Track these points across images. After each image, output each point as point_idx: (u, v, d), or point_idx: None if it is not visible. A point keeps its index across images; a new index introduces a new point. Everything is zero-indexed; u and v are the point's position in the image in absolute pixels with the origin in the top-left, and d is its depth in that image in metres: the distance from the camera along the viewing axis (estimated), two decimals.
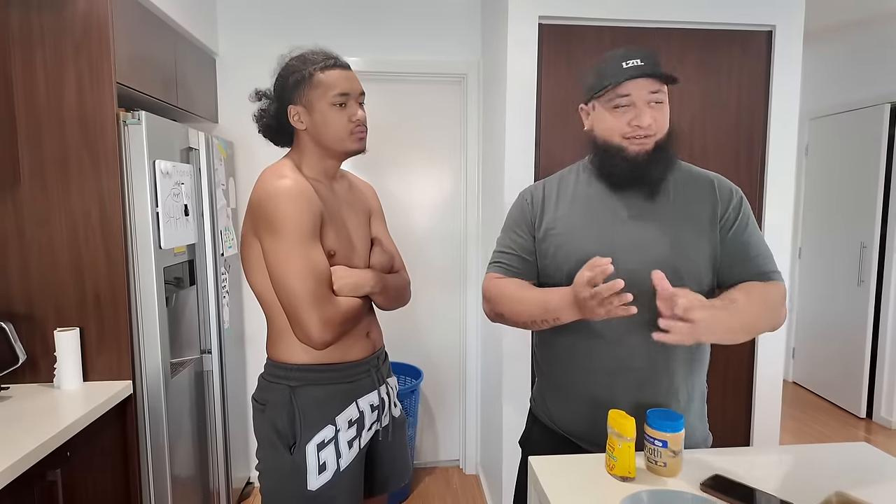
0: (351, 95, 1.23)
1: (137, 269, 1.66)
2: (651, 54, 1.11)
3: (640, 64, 1.08)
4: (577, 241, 1.16)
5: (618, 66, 1.09)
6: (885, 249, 3.46)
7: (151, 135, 1.66)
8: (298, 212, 1.14)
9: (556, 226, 1.20)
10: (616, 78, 1.09)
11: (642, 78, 1.08)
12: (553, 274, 1.19)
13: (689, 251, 1.13)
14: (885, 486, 1.00)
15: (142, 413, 1.70)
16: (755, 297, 1.09)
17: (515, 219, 1.27)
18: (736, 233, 1.15)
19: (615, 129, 1.12)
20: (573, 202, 1.20)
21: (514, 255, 1.24)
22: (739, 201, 1.17)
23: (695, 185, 1.18)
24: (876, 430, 3.43)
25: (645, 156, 1.11)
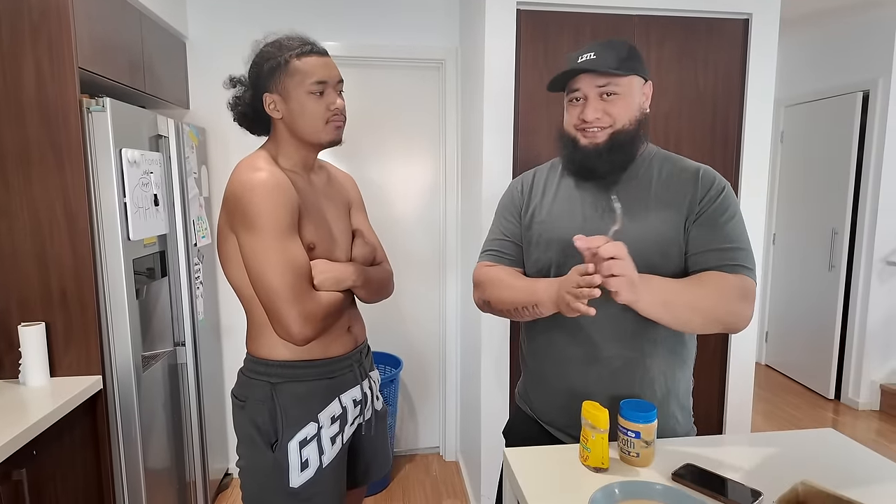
0: (329, 83, 1.19)
1: (105, 262, 1.61)
2: (611, 46, 1.11)
3: (592, 58, 1.09)
4: (557, 230, 1.18)
5: (573, 60, 1.12)
6: (856, 235, 3.54)
7: (117, 122, 1.60)
8: (275, 205, 1.11)
9: (540, 214, 1.23)
10: (565, 72, 1.12)
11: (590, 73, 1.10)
12: (536, 261, 1.22)
13: (660, 244, 1.12)
14: (851, 471, 1.02)
15: (113, 408, 1.67)
16: (705, 280, 1.07)
17: (506, 205, 1.30)
18: (710, 219, 1.11)
19: (569, 122, 1.17)
20: (557, 191, 1.23)
21: (506, 241, 1.27)
22: (721, 191, 1.12)
23: (678, 177, 1.15)
24: (843, 411, 3.53)
25: (595, 148, 1.13)
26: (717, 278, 1.07)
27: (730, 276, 1.07)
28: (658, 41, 2.09)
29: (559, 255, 1.17)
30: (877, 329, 3.49)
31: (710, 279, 1.08)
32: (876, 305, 3.46)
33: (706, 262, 1.10)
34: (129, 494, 1.70)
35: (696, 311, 1.04)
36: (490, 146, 2.05)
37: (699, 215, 1.12)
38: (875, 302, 3.46)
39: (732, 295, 1.06)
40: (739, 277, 1.08)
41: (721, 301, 1.05)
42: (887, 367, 3.53)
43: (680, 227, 1.12)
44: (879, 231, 3.41)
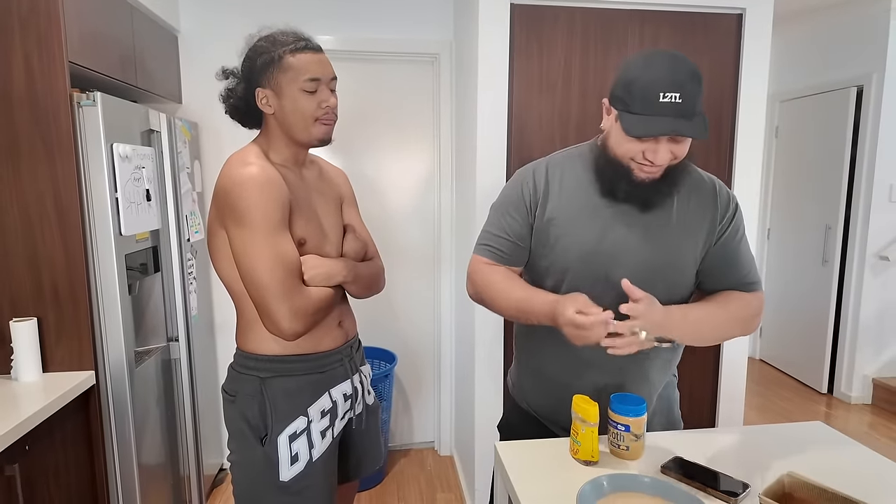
0: (322, 80, 1.19)
1: (97, 257, 1.61)
2: (692, 83, 0.97)
3: (679, 102, 0.96)
4: (578, 236, 1.12)
5: (653, 97, 0.97)
6: (849, 230, 3.55)
7: (108, 117, 1.59)
8: (265, 200, 1.11)
9: (558, 215, 1.14)
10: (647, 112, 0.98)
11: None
12: (551, 264, 1.16)
13: (680, 263, 1.12)
14: (838, 463, 1.04)
15: (106, 403, 1.66)
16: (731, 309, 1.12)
17: (513, 200, 1.18)
18: (727, 241, 1.14)
19: (628, 153, 1.04)
20: (576, 193, 1.14)
21: (507, 241, 1.18)
22: (735, 210, 1.15)
23: (698, 193, 1.14)
24: (836, 405, 3.56)
25: (651, 182, 1.06)
26: (739, 301, 1.13)
27: (748, 297, 1.14)
28: (652, 36, 2.09)
29: (577, 262, 1.12)
30: (869, 323, 3.51)
31: (732, 302, 1.13)
32: (868, 300, 3.48)
33: (724, 282, 1.16)
34: (122, 490, 1.70)
35: (720, 334, 1.13)
36: (484, 140, 2.04)
37: (719, 237, 1.14)
38: (868, 297, 3.48)
39: (751, 315, 1.14)
40: (755, 296, 1.15)
41: (742, 323, 1.14)
42: (879, 361, 3.56)
43: (700, 249, 1.14)
44: (872, 226, 3.42)
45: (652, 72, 0.98)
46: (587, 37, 2.06)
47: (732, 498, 0.90)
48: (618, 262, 1.11)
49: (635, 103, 0.99)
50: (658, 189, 1.07)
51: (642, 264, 1.10)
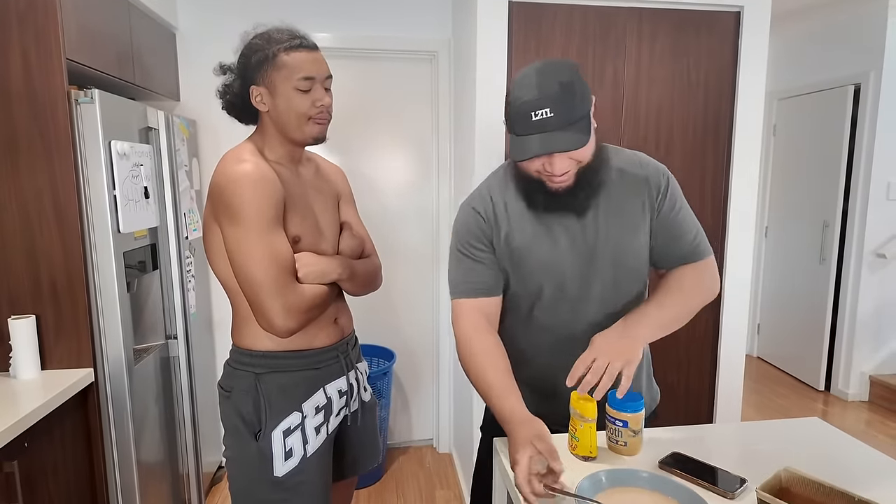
0: (317, 79, 1.19)
1: (95, 255, 1.61)
2: (563, 95, 0.97)
3: (550, 117, 0.96)
4: (536, 254, 1.15)
5: (525, 117, 0.98)
6: (846, 228, 3.56)
7: (106, 114, 1.59)
8: (259, 198, 1.11)
9: (513, 240, 1.15)
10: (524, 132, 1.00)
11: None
12: (525, 285, 1.18)
13: (629, 250, 1.15)
14: (834, 459, 1.04)
15: (104, 401, 1.66)
16: (681, 283, 1.15)
17: (471, 232, 1.17)
18: (665, 215, 1.16)
19: (528, 169, 1.07)
20: (520, 214, 1.16)
21: (482, 268, 1.16)
22: (666, 183, 1.15)
23: (631, 177, 1.15)
24: (833, 402, 3.57)
25: (567, 190, 1.07)
26: (691, 276, 1.16)
27: (699, 267, 1.17)
28: (650, 34, 2.09)
29: (545, 276, 1.16)
30: (867, 320, 3.52)
31: (684, 280, 1.15)
32: (866, 297, 3.49)
33: (672, 256, 1.18)
34: (121, 487, 1.70)
35: (685, 315, 1.14)
36: (482, 139, 2.04)
37: (659, 213, 1.16)
38: (865, 294, 3.49)
39: (706, 284, 1.17)
40: (705, 264, 1.18)
41: (700, 294, 1.16)
42: (877, 358, 3.57)
43: (644, 230, 1.16)
44: (870, 223, 3.43)
45: (522, 92, 0.99)
46: (585, 35, 2.06)
47: (729, 492, 0.90)
48: (581, 273, 1.15)
49: (514, 125, 1.02)
50: (575, 195, 1.09)
51: (594, 265, 1.14)
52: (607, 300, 1.17)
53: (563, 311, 1.17)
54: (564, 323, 1.18)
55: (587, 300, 1.16)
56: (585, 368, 1.00)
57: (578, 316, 1.17)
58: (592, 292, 1.16)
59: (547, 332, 1.20)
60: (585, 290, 1.16)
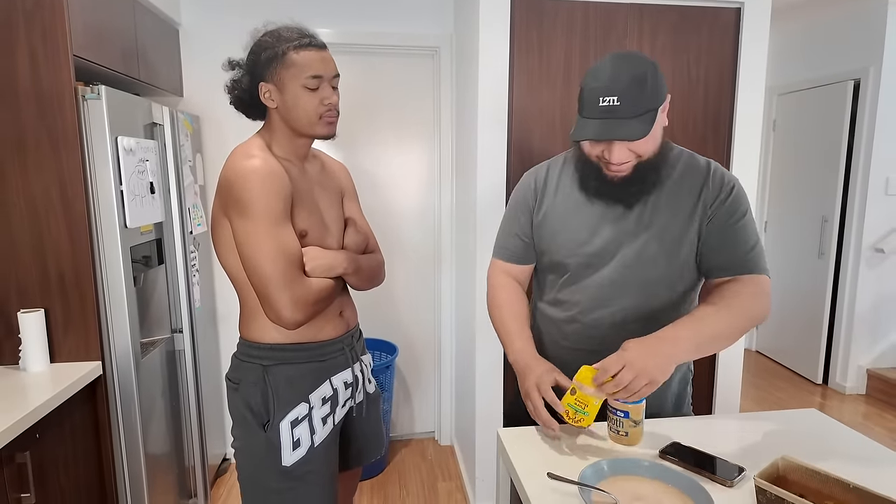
0: (325, 78, 1.21)
1: (103, 249, 1.63)
2: (634, 84, 1.00)
3: (616, 105, 0.99)
4: (569, 233, 1.19)
5: (594, 101, 1.02)
6: (845, 223, 3.58)
7: (112, 110, 1.61)
8: (268, 193, 1.13)
9: (551, 213, 1.22)
10: (589, 116, 1.03)
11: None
12: (549, 261, 1.25)
13: (671, 253, 1.14)
14: (831, 448, 1.07)
15: (113, 393, 1.69)
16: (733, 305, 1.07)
17: (519, 202, 1.29)
18: (719, 222, 1.13)
19: (591, 153, 1.12)
20: (567, 192, 1.21)
21: (519, 240, 1.28)
22: (730, 192, 1.13)
23: (690, 179, 1.15)
24: (830, 396, 3.61)
25: (622, 179, 1.10)
26: (740, 292, 1.08)
27: (749, 284, 1.10)
28: (651, 30, 2.10)
29: (570, 258, 1.19)
30: (865, 315, 3.55)
31: (732, 297, 1.08)
32: (864, 292, 3.52)
33: (721, 266, 1.14)
34: (129, 478, 1.73)
35: (727, 335, 1.07)
36: (485, 134, 2.06)
37: (712, 218, 1.13)
38: (863, 288, 3.52)
39: (756, 304, 1.09)
40: (754, 281, 1.10)
41: (747, 314, 1.08)
42: (874, 352, 3.60)
43: (689, 232, 1.14)
44: (868, 218, 3.45)
45: (596, 77, 1.03)
46: (587, 31, 2.07)
47: (728, 481, 0.93)
48: (610, 257, 1.16)
49: (582, 108, 1.06)
50: (629, 188, 1.11)
51: (632, 259, 1.15)
52: (632, 297, 1.16)
53: (586, 297, 1.19)
54: (587, 310, 1.19)
55: (609, 290, 1.17)
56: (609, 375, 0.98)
57: (601, 306, 1.18)
58: (615, 284, 1.16)
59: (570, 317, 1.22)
60: (608, 280, 1.17)
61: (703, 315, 1.06)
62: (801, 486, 0.87)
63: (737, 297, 1.08)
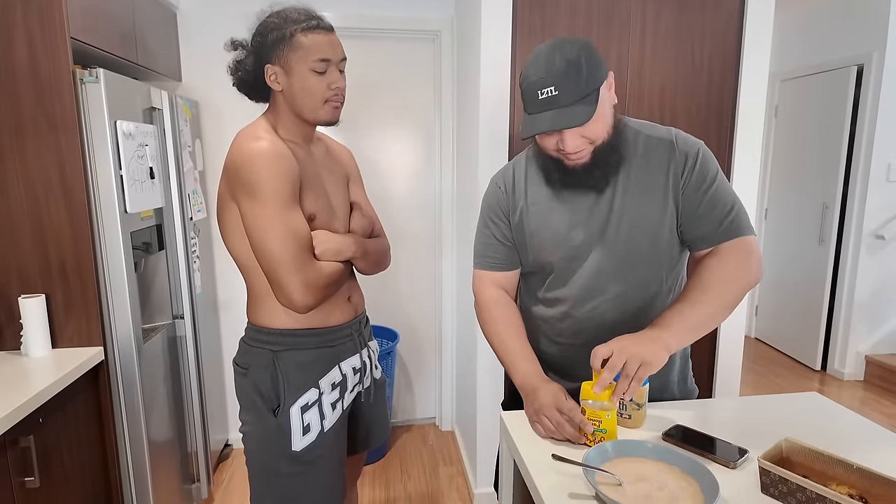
0: (332, 61, 1.19)
1: (103, 234, 1.62)
2: (568, 72, 0.98)
3: (555, 94, 0.98)
4: (548, 230, 1.17)
5: (533, 96, 1.01)
6: (846, 210, 3.58)
7: (111, 94, 1.59)
8: (276, 175, 1.12)
9: (528, 213, 1.19)
10: (533, 111, 1.02)
11: None
12: (535, 261, 1.21)
13: (651, 231, 1.12)
14: (833, 431, 1.07)
15: (115, 379, 1.69)
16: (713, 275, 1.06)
17: (491, 206, 1.25)
18: (695, 190, 1.10)
19: (546, 147, 1.10)
20: (537, 189, 1.19)
21: (500, 245, 1.24)
22: (696, 158, 1.10)
23: (654, 153, 1.12)
24: (829, 382, 3.63)
25: (584, 166, 1.08)
26: (727, 259, 1.07)
27: (736, 248, 1.08)
28: (654, 15, 2.08)
29: (555, 253, 1.17)
30: (864, 301, 3.56)
31: (720, 266, 1.06)
32: (864, 278, 3.53)
33: (704, 234, 1.11)
34: (133, 463, 1.74)
35: (721, 309, 1.05)
36: (486, 119, 2.04)
37: (684, 189, 1.10)
38: (863, 275, 3.52)
39: (745, 268, 1.07)
40: (740, 246, 1.08)
41: (738, 281, 1.06)
42: (873, 338, 3.62)
43: (667, 208, 1.12)
44: (869, 205, 3.45)
45: (531, 70, 1.02)
46: (590, 16, 2.05)
47: (731, 462, 0.93)
48: (591, 247, 1.15)
49: (525, 105, 1.04)
50: (591, 173, 1.09)
51: (614, 245, 1.13)
52: (617, 282, 1.15)
53: (575, 290, 1.18)
54: (579, 303, 1.18)
55: (597, 280, 1.16)
56: (599, 361, 0.97)
57: (593, 297, 1.17)
58: (602, 273, 1.15)
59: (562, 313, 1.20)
60: (595, 269, 1.15)
61: (692, 297, 1.04)
62: (804, 467, 0.88)
63: (724, 269, 1.06)
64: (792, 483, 0.81)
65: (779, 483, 0.83)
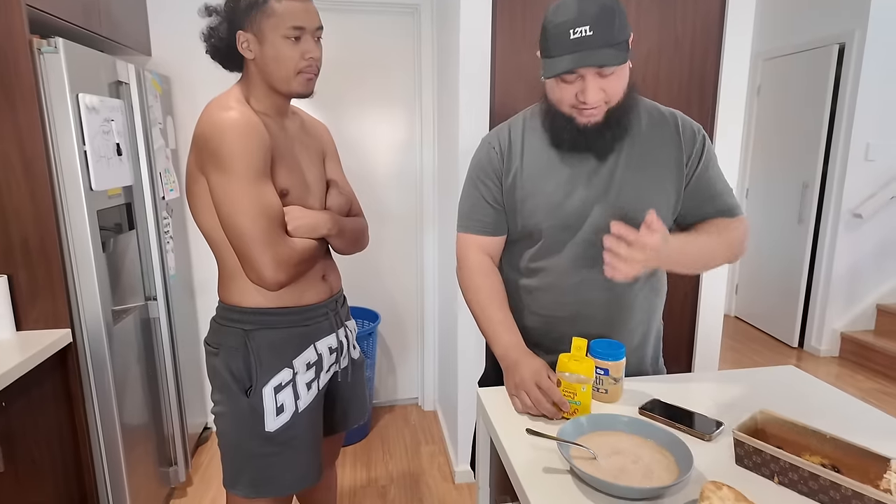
0: (307, 30, 1.14)
1: (67, 213, 1.56)
2: (604, 15, 0.96)
3: (589, 34, 0.95)
4: (542, 196, 1.14)
5: (564, 36, 0.97)
6: (825, 189, 3.61)
7: (73, 65, 1.52)
8: (247, 146, 1.07)
9: (522, 176, 1.16)
10: (561, 52, 0.98)
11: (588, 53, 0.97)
12: (523, 227, 1.17)
13: (649, 204, 1.11)
14: (808, 402, 1.07)
15: (84, 361, 1.64)
16: (722, 236, 1.12)
17: (482, 167, 1.20)
18: (700, 173, 1.14)
19: (562, 100, 1.06)
20: (537, 152, 1.16)
21: (489, 208, 1.19)
22: (703, 141, 1.15)
23: (660, 130, 1.14)
24: (805, 358, 3.69)
25: (595, 126, 1.06)
26: (727, 229, 1.13)
27: (734, 222, 1.15)
28: None
29: (547, 220, 1.14)
30: (841, 279, 3.61)
31: (722, 231, 1.13)
32: (841, 256, 3.57)
33: (707, 214, 1.17)
34: (106, 448, 1.70)
35: (710, 254, 1.11)
36: (466, 95, 2.00)
37: (690, 176, 1.14)
38: (841, 253, 3.57)
39: (740, 240, 1.14)
40: (740, 220, 1.16)
41: (729, 251, 1.13)
42: (848, 315, 3.68)
43: (667, 184, 1.14)
44: (848, 184, 3.48)
45: (561, 13, 0.99)
46: None
47: (707, 435, 0.93)
48: (585, 216, 1.13)
49: (550, 46, 1.00)
50: (602, 134, 1.08)
51: (610, 214, 1.11)
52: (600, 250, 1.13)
53: (561, 260, 1.15)
54: (561, 274, 1.16)
55: (588, 251, 1.13)
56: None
57: (577, 268, 1.15)
58: (594, 245, 1.12)
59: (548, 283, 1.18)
60: (587, 240, 1.13)
61: (693, 234, 1.11)
62: (779, 438, 0.87)
63: (725, 231, 1.13)
64: (766, 454, 0.81)
65: (753, 454, 0.83)
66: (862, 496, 0.71)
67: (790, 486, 0.79)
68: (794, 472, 0.78)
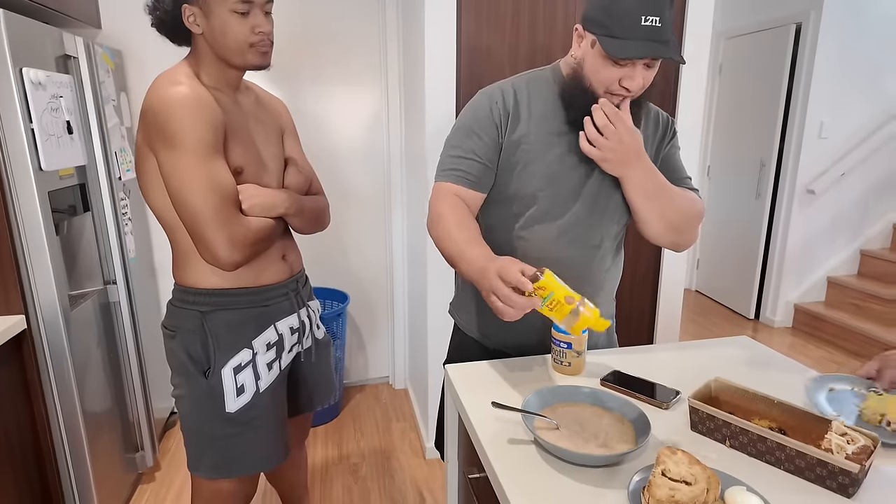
0: (255, 3, 1.10)
1: (16, 194, 1.49)
2: (671, 5, 0.97)
3: (658, 26, 0.95)
4: (543, 162, 1.12)
5: (634, 20, 0.95)
6: (781, 166, 3.73)
7: (14, 37, 1.44)
8: (197, 122, 1.04)
9: (526, 139, 1.12)
10: (630, 36, 0.96)
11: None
12: (517, 190, 1.13)
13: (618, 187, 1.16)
14: (759, 370, 1.13)
15: (40, 348, 1.59)
16: (685, 195, 1.16)
17: (479, 119, 1.12)
18: (669, 156, 1.21)
19: (605, 81, 1.03)
20: (545, 119, 1.12)
21: (476, 163, 1.11)
22: (673, 132, 1.22)
23: (646, 120, 1.19)
24: (761, 329, 3.85)
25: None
26: (688, 197, 1.17)
27: (695, 197, 1.19)
28: None
29: (542, 190, 1.12)
30: (795, 253, 3.76)
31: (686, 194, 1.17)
32: (795, 231, 3.71)
33: None
34: (68, 436, 1.66)
35: (671, 201, 1.12)
36: (432, 73, 1.98)
37: (665, 152, 1.20)
38: (795, 228, 3.71)
39: (696, 215, 1.17)
40: (699, 200, 1.20)
41: (688, 211, 1.15)
42: (801, 287, 3.84)
43: None
44: (803, 161, 3.60)
45: None
46: None
47: (665, 403, 0.96)
48: (578, 186, 1.14)
49: (616, 27, 0.97)
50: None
51: (598, 188, 1.14)
52: (587, 227, 1.16)
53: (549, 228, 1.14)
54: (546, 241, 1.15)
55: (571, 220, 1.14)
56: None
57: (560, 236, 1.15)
58: (578, 215, 1.14)
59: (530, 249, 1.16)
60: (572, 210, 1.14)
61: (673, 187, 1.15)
62: (731, 404, 0.92)
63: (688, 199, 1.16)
64: (718, 419, 0.85)
65: (706, 420, 0.87)
66: (805, 455, 0.76)
67: (740, 449, 0.84)
68: (743, 435, 0.82)
